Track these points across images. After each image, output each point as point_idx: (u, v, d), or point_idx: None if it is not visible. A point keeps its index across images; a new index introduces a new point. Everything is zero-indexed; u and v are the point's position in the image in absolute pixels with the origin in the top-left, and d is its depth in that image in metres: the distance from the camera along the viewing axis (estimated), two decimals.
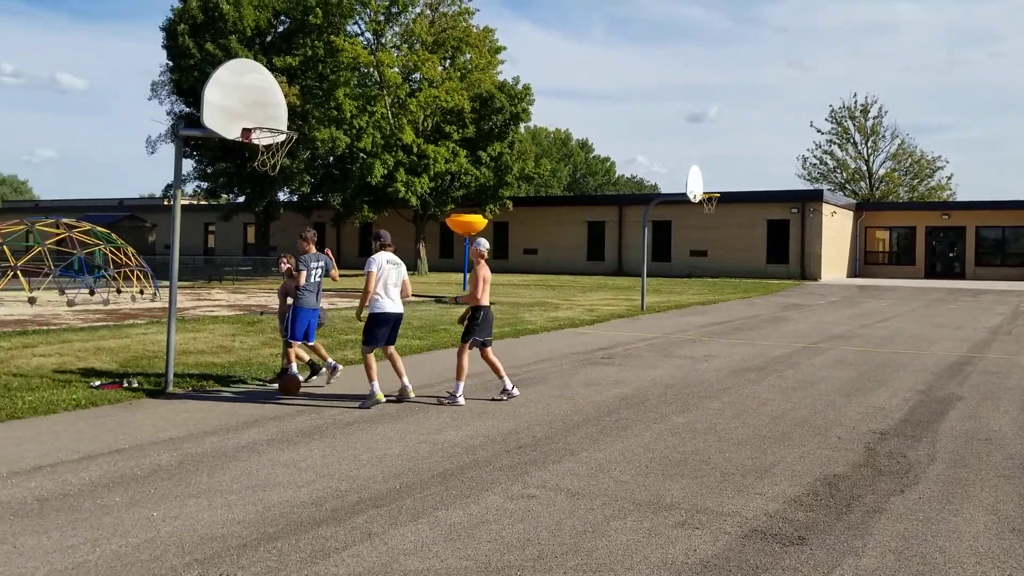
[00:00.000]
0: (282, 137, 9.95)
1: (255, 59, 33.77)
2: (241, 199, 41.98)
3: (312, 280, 9.45)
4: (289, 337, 9.28)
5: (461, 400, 8.69)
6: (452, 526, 4.98)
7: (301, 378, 9.37)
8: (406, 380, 8.82)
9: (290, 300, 9.45)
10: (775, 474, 6.23)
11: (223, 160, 39.05)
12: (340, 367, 9.93)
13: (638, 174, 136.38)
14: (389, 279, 8.78)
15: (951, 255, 43.15)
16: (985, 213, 42.30)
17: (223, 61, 9.67)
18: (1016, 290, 31.86)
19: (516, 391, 9.11)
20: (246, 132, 9.34)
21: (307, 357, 9.96)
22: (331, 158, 37.27)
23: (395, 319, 8.86)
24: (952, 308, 23.16)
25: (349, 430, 7.43)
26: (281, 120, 9.87)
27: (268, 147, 10.02)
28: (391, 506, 5.32)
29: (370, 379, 8.54)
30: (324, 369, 9.92)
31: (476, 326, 8.95)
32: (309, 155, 35.80)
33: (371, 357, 8.63)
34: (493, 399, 8.97)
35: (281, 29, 38.99)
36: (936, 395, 9.56)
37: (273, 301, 22.35)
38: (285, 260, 9.77)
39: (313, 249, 9.68)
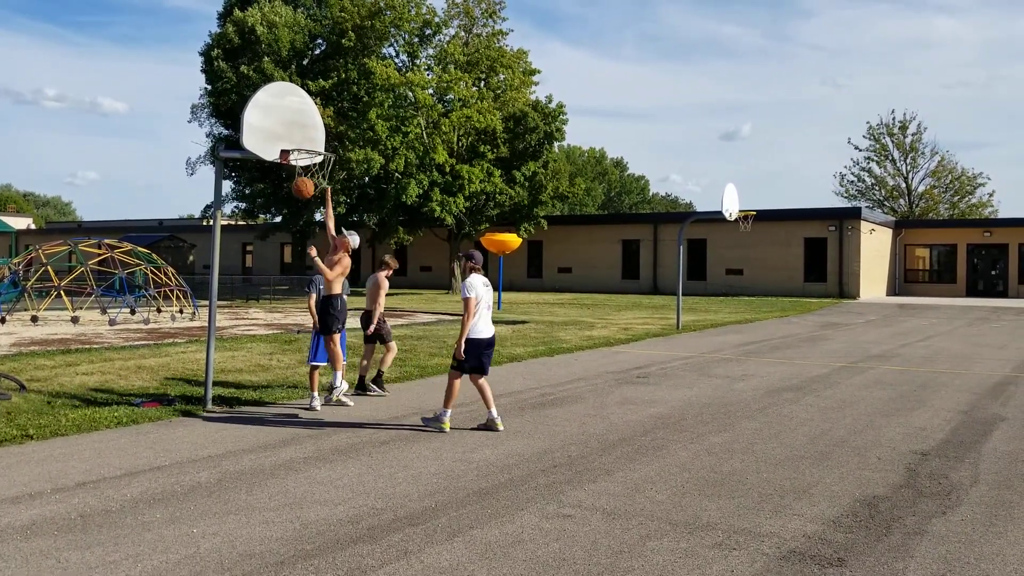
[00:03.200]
0: (320, 158, 10.08)
1: (291, 82, 34.38)
2: (278, 219, 42.55)
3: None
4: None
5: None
6: (487, 545, 4.98)
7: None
8: (494, 412, 8.38)
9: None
10: (813, 495, 6.15)
11: (261, 181, 39.66)
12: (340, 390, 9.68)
13: (672, 192, 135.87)
14: (484, 302, 8.29)
15: (993, 273, 42.36)
16: None
17: (259, 84, 9.86)
18: None
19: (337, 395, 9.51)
20: (284, 154, 9.47)
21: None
22: (366, 178, 37.64)
23: (488, 343, 8.39)
24: (995, 327, 22.72)
25: (385, 448, 7.47)
26: (319, 142, 10.01)
27: (306, 168, 10.16)
28: (427, 524, 5.34)
29: (446, 404, 8.28)
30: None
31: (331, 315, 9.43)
32: (345, 176, 36.19)
33: (457, 383, 8.29)
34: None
35: (317, 52, 39.59)
36: (979, 416, 9.38)
37: (310, 319, 22.52)
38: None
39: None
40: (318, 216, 43.25)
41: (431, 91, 36.54)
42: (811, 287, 38.77)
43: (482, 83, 39.08)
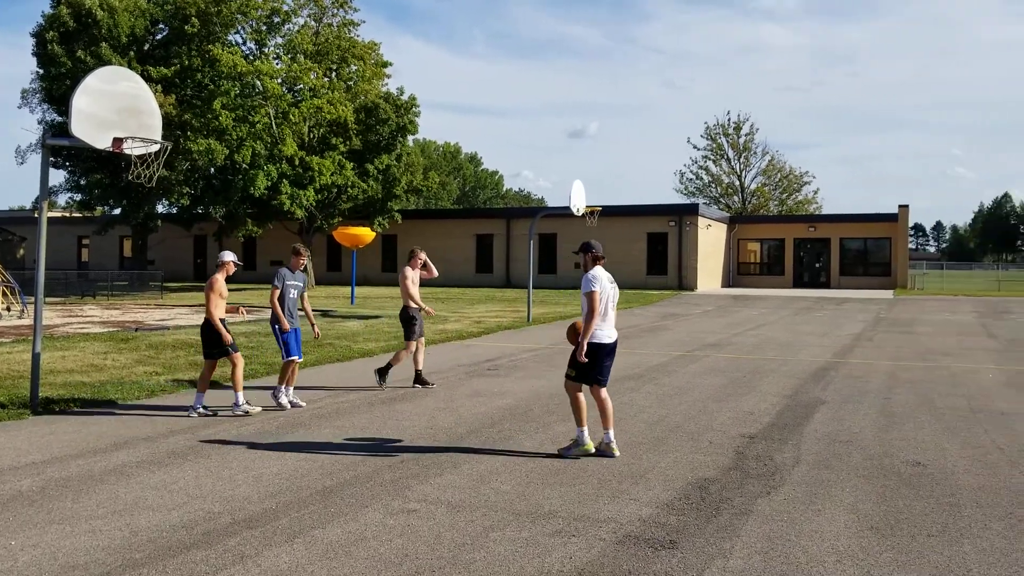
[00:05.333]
0: (156, 147, 9.65)
1: (130, 68, 32.61)
2: (117, 211, 40.30)
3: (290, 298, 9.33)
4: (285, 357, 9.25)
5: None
6: (329, 545, 4.92)
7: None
8: (611, 434, 7.19)
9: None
10: (649, 479, 6.41)
11: (97, 171, 37.43)
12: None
13: (525, 188, 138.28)
14: (611, 301, 7.23)
15: (817, 266, 45.47)
16: (848, 226, 44.85)
17: (95, 69, 9.29)
18: (877, 298, 33.74)
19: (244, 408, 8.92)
20: (117, 142, 9.02)
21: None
22: (211, 169, 36.24)
23: (612, 349, 7.24)
24: (818, 316, 24.34)
25: (225, 450, 7.24)
26: (155, 129, 9.58)
27: (142, 158, 9.70)
28: (266, 527, 5.22)
29: (579, 423, 7.10)
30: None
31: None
32: (189, 166, 34.70)
33: (581, 397, 7.18)
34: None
35: (159, 37, 37.79)
36: (802, 399, 10.03)
37: (150, 316, 21.53)
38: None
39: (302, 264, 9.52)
40: (160, 208, 41.32)
41: (280, 80, 35.55)
42: (653, 280, 40.34)
43: (333, 74, 38.36)
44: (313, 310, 9.59)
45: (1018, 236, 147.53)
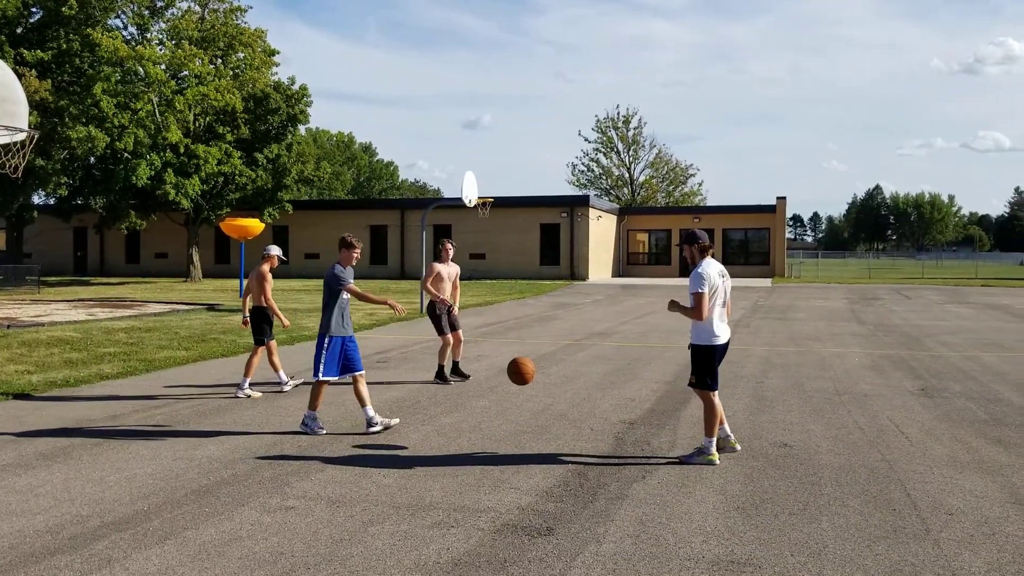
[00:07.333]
0: (22, 136, 9.23)
1: (2, 52, 30.88)
2: None
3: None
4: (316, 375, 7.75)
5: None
6: (201, 545, 4.84)
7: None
8: (728, 427, 6.95)
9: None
10: (531, 468, 6.53)
11: None
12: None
13: (421, 178, 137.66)
14: (720, 298, 6.77)
15: None
16: (730, 217, 46.50)
17: None
18: (756, 286, 35.09)
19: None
20: None
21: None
22: (91, 158, 34.70)
23: (724, 349, 6.86)
24: None
25: (97, 451, 7.00)
26: (20, 117, 9.16)
27: (6, 147, 9.26)
28: (136, 529, 5.09)
29: (710, 432, 6.69)
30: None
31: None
32: (67, 155, 33.13)
33: (717, 401, 6.74)
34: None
35: (33, 20, 35.91)
36: (680, 386, 10.35)
37: (24, 312, 20.50)
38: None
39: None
40: (36, 199, 39.38)
41: (163, 67, 34.31)
42: (546, 270, 40.89)
43: (220, 61, 37.29)
44: (199, 304, 9.26)
45: (888, 226, 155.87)
